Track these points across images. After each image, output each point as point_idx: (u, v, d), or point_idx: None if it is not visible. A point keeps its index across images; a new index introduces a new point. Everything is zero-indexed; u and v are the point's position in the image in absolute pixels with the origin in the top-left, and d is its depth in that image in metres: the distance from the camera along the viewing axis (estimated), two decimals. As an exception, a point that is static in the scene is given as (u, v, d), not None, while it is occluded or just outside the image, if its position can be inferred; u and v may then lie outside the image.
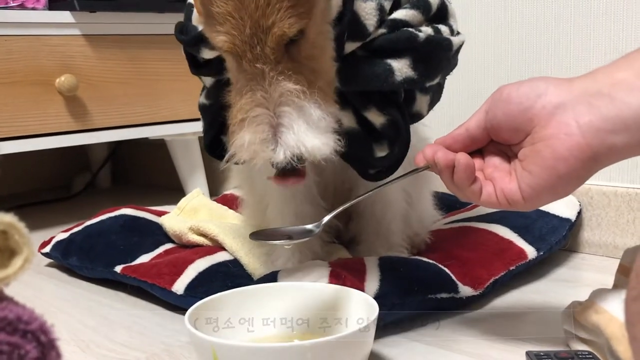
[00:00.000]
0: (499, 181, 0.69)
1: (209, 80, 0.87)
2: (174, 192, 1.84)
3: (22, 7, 1.40)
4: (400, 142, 0.79)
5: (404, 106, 0.80)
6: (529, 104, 0.66)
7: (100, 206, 1.79)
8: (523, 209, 0.68)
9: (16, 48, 1.35)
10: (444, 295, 0.87)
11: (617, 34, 1.12)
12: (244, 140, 0.64)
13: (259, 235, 0.75)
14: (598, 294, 0.73)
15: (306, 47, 0.67)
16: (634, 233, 1.10)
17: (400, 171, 0.82)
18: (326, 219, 0.74)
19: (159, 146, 1.69)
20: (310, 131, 0.64)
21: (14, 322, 0.34)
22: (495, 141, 0.71)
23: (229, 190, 1.45)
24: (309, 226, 0.74)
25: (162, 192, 1.95)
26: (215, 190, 1.81)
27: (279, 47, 0.64)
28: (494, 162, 0.71)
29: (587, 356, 0.69)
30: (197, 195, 1.22)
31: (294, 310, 0.75)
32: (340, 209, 0.76)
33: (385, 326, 0.81)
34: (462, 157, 0.69)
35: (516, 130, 0.67)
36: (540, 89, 0.65)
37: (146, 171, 2.08)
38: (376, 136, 0.80)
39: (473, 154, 0.72)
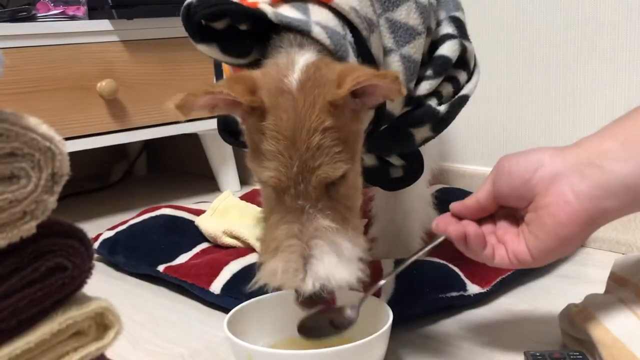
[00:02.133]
0: (509, 244, 0.76)
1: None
2: (207, 180, 1.95)
3: (63, 14, 1.50)
4: (413, 166, 0.88)
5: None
6: (528, 176, 0.73)
7: (137, 195, 1.92)
8: (533, 266, 0.77)
9: (59, 56, 1.45)
10: (454, 293, 0.96)
11: (621, 41, 1.19)
12: (274, 267, 0.67)
13: (307, 329, 0.76)
14: (590, 300, 0.81)
15: (344, 188, 0.70)
16: (635, 229, 1.18)
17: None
18: (372, 290, 0.79)
19: (192, 135, 1.79)
20: (340, 264, 0.67)
21: None
22: (504, 206, 0.79)
23: (259, 185, 1.55)
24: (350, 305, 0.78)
25: (196, 179, 2.05)
26: (245, 179, 1.91)
27: (321, 187, 0.68)
28: (504, 225, 0.79)
29: (578, 357, 0.76)
30: (227, 197, 1.33)
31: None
32: (380, 283, 0.81)
33: (398, 325, 0.88)
34: (472, 229, 0.77)
35: (520, 198, 0.75)
36: (537, 162, 0.73)
37: (180, 159, 2.18)
38: (393, 166, 0.89)
39: (485, 219, 0.80)
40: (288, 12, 0.75)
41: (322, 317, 0.75)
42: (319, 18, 0.75)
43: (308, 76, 0.68)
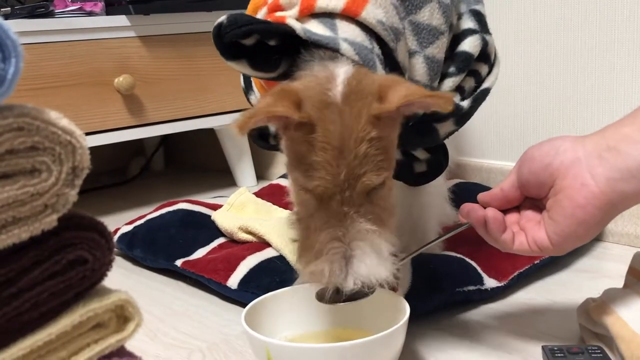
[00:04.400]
0: (529, 230, 0.78)
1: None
2: (224, 174, 1.96)
3: (81, 10, 1.51)
4: (438, 159, 0.88)
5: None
6: (549, 160, 0.74)
7: (155, 190, 1.93)
8: (553, 254, 0.78)
9: (78, 52, 1.46)
10: (471, 287, 0.96)
11: (639, 36, 1.18)
12: (320, 269, 0.70)
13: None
14: (609, 294, 0.81)
15: (382, 192, 0.73)
16: (655, 224, 1.17)
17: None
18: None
19: (209, 131, 1.80)
20: (379, 263, 0.70)
21: None
22: (529, 197, 0.80)
23: (275, 180, 1.55)
24: None
25: (212, 174, 2.06)
26: (261, 174, 1.91)
27: (364, 193, 0.71)
28: (528, 215, 0.80)
29: (596, 351, 0.77)
30: (244, 192, 1.33)
31: (335, 309, 0.84)
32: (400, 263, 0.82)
33: (415, 319, 0.88)
34: (491, 212, 0.78)
35: (541, 184, 0.76)
36: (559, 147, 0.74)
37: (197, 154, 2.19)
38: (417, 160, 0.90)
39: (511, 210, 0.81)
40: (315, 27, 0.77)
41: None
42: (347, 34, 0.77)
43: (351, 89, 0.71)
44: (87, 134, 1.47)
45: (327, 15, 0.78)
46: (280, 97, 0.69)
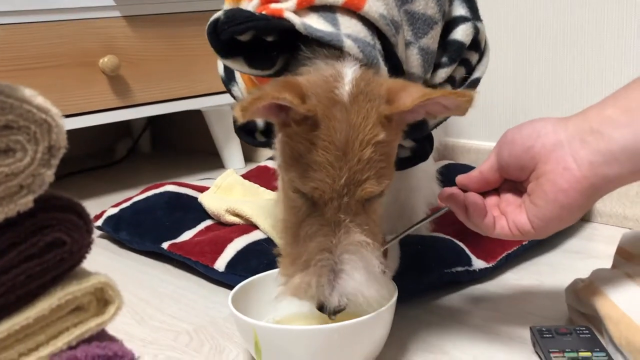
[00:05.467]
0: (510, 214, 0.76)
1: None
2: (211, 156, 1.95)
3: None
4: (424, 147, 0.87)
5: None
6: (530, 143, 0.73)
7: (142, 172, 1.92)
8: (535, 237, 0.76)
9: (62, 32, 1.44)
10: (459, 268, 0.96)
11: (629, 17, 1.17)
12: (304, 280, 0.67)
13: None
14: (597, 275, 0.81)
15: (377, 203, 0.71)
16: (642, 204, 1.17)
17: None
18: None
19: (196, 112, 1.78)
20: (369, 281, 0.67)
21: (112, 357, 0.45)
22: (508, 180, 0.79)
23: (263, 162, 1.54)
24: None
25: (200, 156, 2.05)
26: (249, 156, 1.90)
27: (363, 201, 0.68)
28: (508, 198, 0.78)
29: (585, 331, 0.77)
30: (231, 174, 1.32)
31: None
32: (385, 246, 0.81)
33: (404, 300, 0.88)
34: (471, 197, 0.77)
35: (522, 168, 0.74)
36: (540, 130, 0.73)
37: (185, 136, 2.17)
38: (402, 147, 0.89)
39: (490, 192, 0.80)
40: (316, 22, 0.73)
41: None
42: (349, 30, 0.73)
43: (359, 89, 0.68)
44: (72, 115, 1.45)
45: (327, 9, 0.74)
46: (285, 87, 0.65)
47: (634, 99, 0.69)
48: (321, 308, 0.69)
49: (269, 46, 0.75)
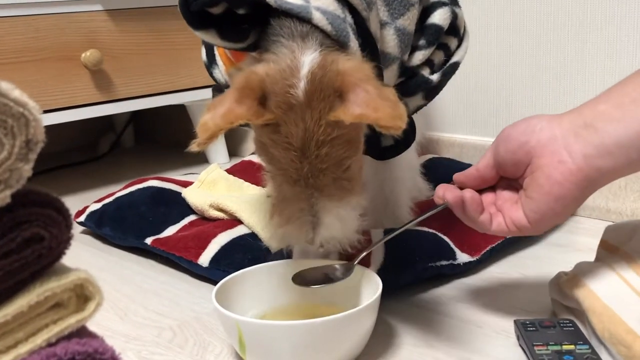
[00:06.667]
0: (507, 211, 0.77)
1: None
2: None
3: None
4: (406, 133, 0.87)
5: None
6: (525, 139, 0.74)
7: (125, 167, 1.90)
8: (531, 233, 0.77)
9: (43, 26, 1.42)
10: (444, 262, 0.96)
11: (612, 8, 1.17)
12: (287, 230, 0.74)
13: (301, 279, 0.81)
14: (580, 268, 0.81)
15: (349, 174, 0.74)
16: (625, 197, 1.17)
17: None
18: (362, 256, 0.82)
19: (180, 107, 1.77)
20: (347, 226, 0.74)
21: (92, 354, 0.44)
22: (505, 177, 0.80)
23: (247, 156, 1.53)
24: (345, 263, 0.82)
25: (184, 151, 2.03)
26: (233, 150, 1.89)
27: (329, 180, 0.72)
28: (504, 195, 0.80)
29: (568, 324, 0.77)
30: (215, 169, 1.31)
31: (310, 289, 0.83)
32: (374, 246, 0.87)
33: (388, 294, 0.89)
34: (468, 194, 0.78)
35: (517, 163, 0.76)
36: (535, 126, 0.74)
37: (168, 131, 2.16)
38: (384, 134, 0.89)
39: (487, 190, 0.81)
40: None
41: (317, 271, 0.81)
42: (319, 3, 0.75)
43: (314, 86, 0.69)
44: (54, 110, 1.43)
45: None
46: (244, 94, 0.68)
47: (625, 94, 0.70)
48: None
49: (242, 19, 0.76)
